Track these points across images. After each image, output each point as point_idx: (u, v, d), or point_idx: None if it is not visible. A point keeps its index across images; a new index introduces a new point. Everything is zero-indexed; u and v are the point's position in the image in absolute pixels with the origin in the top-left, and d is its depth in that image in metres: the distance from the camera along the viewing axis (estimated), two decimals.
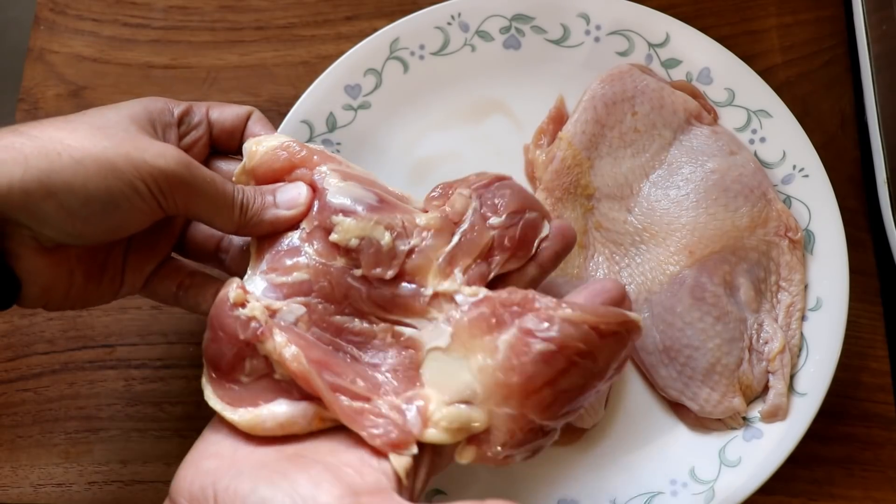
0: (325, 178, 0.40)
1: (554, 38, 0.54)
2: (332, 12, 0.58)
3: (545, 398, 0.35)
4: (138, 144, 0.37)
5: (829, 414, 0.50)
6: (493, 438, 0.35)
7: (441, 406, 0.36)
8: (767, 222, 0.50)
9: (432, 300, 0.38)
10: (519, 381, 0.35)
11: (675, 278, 0.49)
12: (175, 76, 0.57)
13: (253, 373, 0.37)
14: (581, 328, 0.35)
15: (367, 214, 0.39)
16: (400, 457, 0.34)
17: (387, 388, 0.37)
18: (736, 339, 0.49)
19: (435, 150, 0.53)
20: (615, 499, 0.48)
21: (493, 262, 0.40)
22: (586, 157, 0.51)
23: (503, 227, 0.40)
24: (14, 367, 0.52)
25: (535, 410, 0.35)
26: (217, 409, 0.37)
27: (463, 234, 0.40)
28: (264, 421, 0.36)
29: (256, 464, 0.34)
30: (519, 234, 0.40)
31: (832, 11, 0.59)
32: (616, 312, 0.36)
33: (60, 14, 0.58)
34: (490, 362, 0.36)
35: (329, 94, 0.52)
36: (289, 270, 0.39)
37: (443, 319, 0.38)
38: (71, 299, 0.40)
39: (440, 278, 0.39)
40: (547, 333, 0.35)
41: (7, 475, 0.50)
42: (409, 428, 0.35)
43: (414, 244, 0.39)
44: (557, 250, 0.42)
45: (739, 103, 0.53)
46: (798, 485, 0.50)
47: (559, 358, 0.35)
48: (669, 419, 0.50)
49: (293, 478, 0.32)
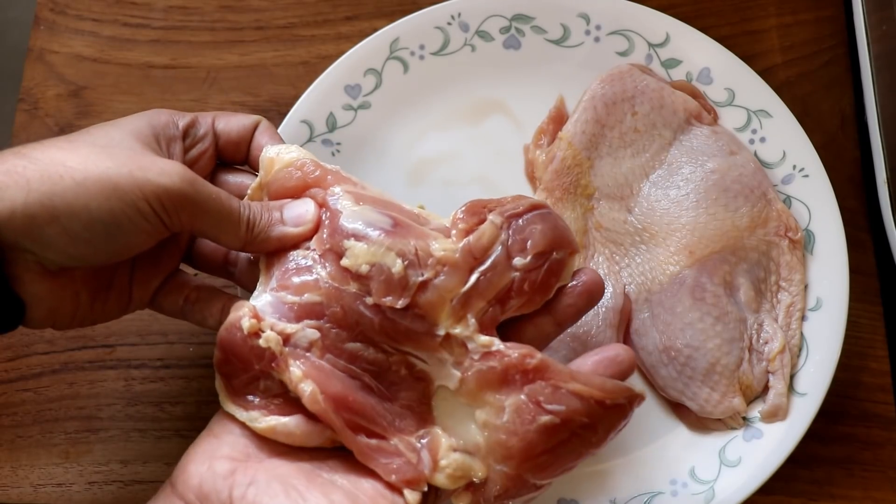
0: (338, 199, 0.39)
1: (554, 38, 0.54)
2: (332, 12, 0.58)
3: (542, 463, 0.37)
4: (141, 163, 0.36)
5: (829, 414, 0.50)
6: (487, 490, 0.37)
7: (448, 451, 0.37)
8: (767, 222, 0.50)
9: (444, 341, 0.38)
10: (520, 446, 0.36)
11: (675, 278, 0.49)
12: (175, 76, 0.57)
13: (268, 391, 0.38)
14: (588, 402, 0.36)
15: (379, 239, 0.38)
16: (413, 492, 0.36)
17: (401, 424, 0.38)
18: (736, 339, 0.49)
19: (435, 150, 0.53)
20: (615, 499, 0.48)
21: (508, 307, 0.39)
22: (586, 157, 0.51)
23: (526, 269, 0.38)
24: (14, 367, 0.52)
25: (531, 472, 0.37)
26: (232, 412, 0.38)
27: (482, 274, 0.38)
28: (279, 433, 0.37)
29: (273, 476, 0.35)
30: (541, 279, 0.39)
31: (832, 11, 0.59)
32: (623, 388, 0.37)
33: (60, 14, 0.58)
34: (495, 421, 0.37)
35: (329, 94, 0.52)
36: (300, 290, 0.38)
37: (452, 363, 0.38)
38: (78, 319, 0.39)
39: (453, 320, 0.38)
40: (553, 406, 0.36)
41: (7, 475, 0.50)
42: (421, 468, 0.37)
43: (428, 277, 0.37)
44: (581, 308, 0.40)
45: (739, 103, 0.53)
46: (798, 485, 0.50)
47: (562, 430, 0.36)
48: (669, 419, 0.50)
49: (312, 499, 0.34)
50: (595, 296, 0.40)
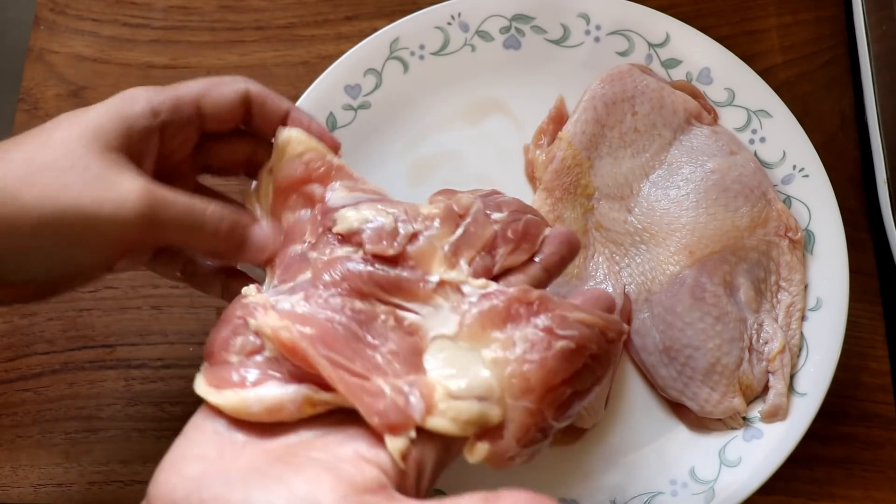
0: (334, 193, 0.40)
1: (554, 38, 0.54)
2: (332, 12, 0.58)
3: (562, 395, 0.35)
4: (96, 194, 0.34)
5: (829, 414, 0.50)
6: (507, 433, 0.35)
7: (447, 398, 0.34)
8: (767, 222, 0.50)
9: (438, 287, 0.37)
10: (540, 374, 0.35)
11: (675, 278, 0.49)
12: (175, 76, 0.57)
13: (242, 349, 0.36)
14: (594, 331, 0.36)
15: (368, 205, 0.39)
16: (396, 439, 0.33)
17: (386, 369, 0.35)
18: (736, 339, 0.49)
19: (435, 150, 0.53)
20: (615, 499, 0.48)
21: (497, 255, 0.39)
22: (586, 157, 0.51)
23: (506, 221, 0.40)
24: (14, 367, 0.52)
25: (551, 405, 0.35)
26: (201, 394, 0.35)
27: (467, 227, 0.39)
28: (251, 405, 0.34)
29: (246, 468, 0.32)
30: (522, 228, 0.40)
31: (832, 11, 0.59)
32: (617, 320, 0.37)
33: (60, 14, 0.58)
34: (507, 355, 0.35)
35: (329, 94, 0.52)
36: (295, 275, 0.38)
37: (449, 308, 0.37)
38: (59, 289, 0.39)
39: (446, 267, 0.38)
40: (567, 332, 0.35)
41: (7, 475, 0.50)
42: (409, 412, 0.34)
43: (417, 229, 0.38)
44: (563, 255, 0.41)
45: (739, 103, 0.53)
46: (798, 485, 0.50)
47: (578, 357, 0.35)
48: (669, 419, 0.50)
49: (288, 481, 0.31)
50: (574, 243, 0.41)
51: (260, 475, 0.31)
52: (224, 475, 0.31)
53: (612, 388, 0.49)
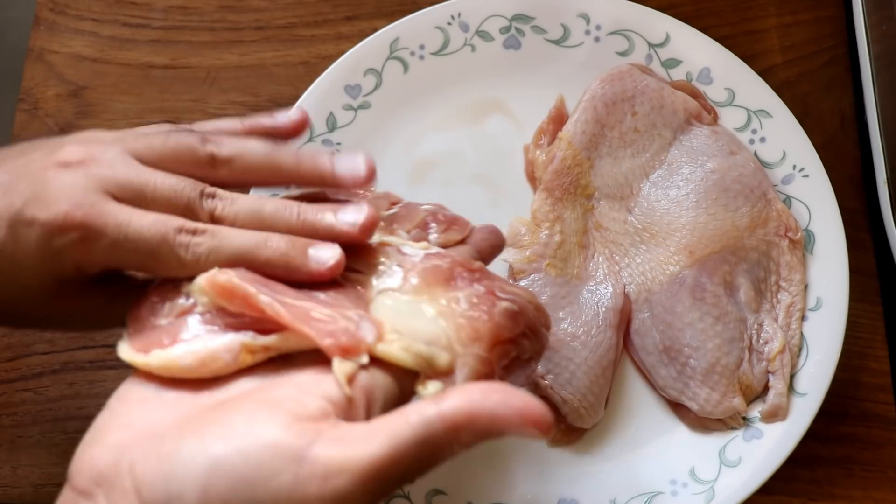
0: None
1: (554, 38, 0.54)
2: (332, 12, 0.58)
3: (508, 353, 0.35)
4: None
5: (829, 414, 0.50)
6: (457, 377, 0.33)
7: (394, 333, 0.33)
8: (767, 222, 0.50)
9: (379, 247, 0.37)
10: (488, 326, 0.34)
11: (675, 278, 0.49)
12: (175, 76, 0.57)
13: (171, 312, 0.33)
14: (530, 305, 0.36)
15: None
16: (343, 363, 0.31)
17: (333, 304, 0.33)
18: (736, 339, 0.49)
19: (435, 150, 0.53)
20: (615, 499, 0.48)
21: (431, 230, 0.40)
22: (586, 157, 0.51)
23: (435, 208, 0.41)
24: (14, 367, 0.52)
25: (499, 362, 0.34)
26: (125, 358, 0.32)
27: (399, 208, 0.40)
28: (181, 357, 0.31)
29: (176, 422, 0.29)
30: (451, 215, 0.41)
31: (832, 11, 0.59)
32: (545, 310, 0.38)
33: (60, 14, 0.58)
34: (455, 308, 0.34)
35: (329, 94, 0.52)
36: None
37: (393, 265, 0.36)
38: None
39: (385, 232, 0.38)
40: (509, 296, 0.35)
41: (7, 475, 0.50)
42: (361, 335, 0.32)
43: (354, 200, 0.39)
44: (493, 243, 0.41)
45: (739, 103, 0.53)
46: (798, 485, 0.50)
47: (519, 320, 0.35)
48: (669, 419, 0.50)
49: (223, 421, 0.28)
50: (500, 235, 0.42)
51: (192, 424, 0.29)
52: (152, 434, 0.29)
53: (612, 388, 0.49)
